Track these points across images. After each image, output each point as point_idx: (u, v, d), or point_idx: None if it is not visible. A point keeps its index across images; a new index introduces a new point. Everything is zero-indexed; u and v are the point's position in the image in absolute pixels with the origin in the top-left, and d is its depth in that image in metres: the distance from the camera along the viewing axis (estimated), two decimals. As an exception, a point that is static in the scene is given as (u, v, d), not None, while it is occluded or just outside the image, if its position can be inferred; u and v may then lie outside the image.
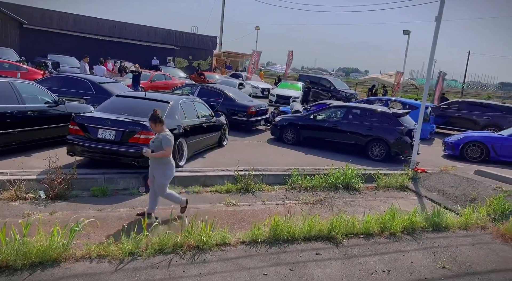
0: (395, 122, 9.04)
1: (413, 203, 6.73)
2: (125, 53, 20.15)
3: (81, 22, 19.58)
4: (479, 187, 6.92)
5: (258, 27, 26.95)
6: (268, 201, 5.97)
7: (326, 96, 21.70)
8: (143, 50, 21.55)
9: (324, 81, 22.34)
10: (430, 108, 14.00)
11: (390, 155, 8.98)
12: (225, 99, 10.97)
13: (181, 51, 24.16)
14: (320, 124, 9.76)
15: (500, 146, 9.46)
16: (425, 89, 8.53)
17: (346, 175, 7.15)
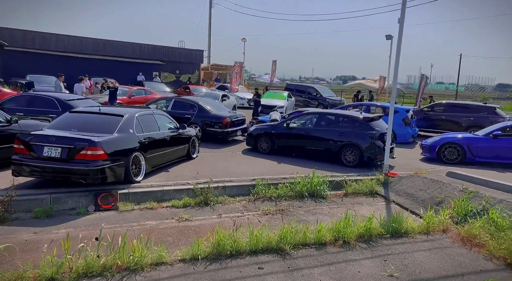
0: (366, 127, 8.92)
1: (379, 209, 6.55)
2: (110, 71, 20.22)
3: (64, 41, 19.73)
4: (447, 189, 6.75)
5: (244, 39, 27.14)
6: (225, 214, 5.80)
7: (314, 104, 21.72)
8: (129, 67, 21.65)
9: (311, 90, 22.39)
10: (412, 111, 13.91)
11: (363, 160, 8.83)
12: (199, 111, 10.90)
13: (167, 66, 24.28)
14: (294, 132, 9.65)
15: (475, 147, 9.31)
16: (392, 92, 8.44)
17: (312, 183, 6.99)
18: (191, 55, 25.56)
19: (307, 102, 21.82)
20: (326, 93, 21.76)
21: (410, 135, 12.96)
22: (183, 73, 25.37)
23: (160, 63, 23.42)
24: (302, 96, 22.15)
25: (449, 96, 50.98)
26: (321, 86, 24.98)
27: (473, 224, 5.25)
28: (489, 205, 5.77)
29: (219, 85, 23.23)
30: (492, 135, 9.19)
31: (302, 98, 22.08)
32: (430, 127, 14.50)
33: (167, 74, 24.52)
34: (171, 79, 24.72)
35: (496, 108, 13.66)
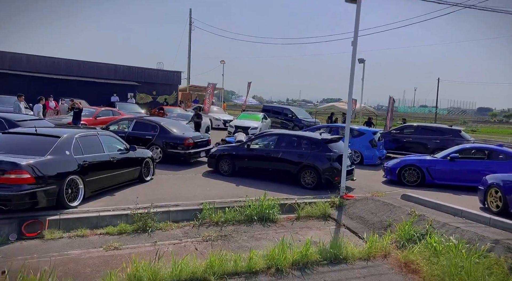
0: (324, 149, 8.86)
1: (327, 233, 6.37)
2: (84, 91, 19.98)
3: (35, 61, 19.49)
4: (397, 213, 6.64)
5: (223, 61, 27.48)
6: (161, 241, 5.51)
7: (290, 125, 21.79)
8: (103, 88, 21.45)
9: (287, 111, 22.54)
10: (380, 133, 14.04)
11: (321, 182, 8.71)
12: (161, 132, 10.70)
13: (144, 87, 24.19)
14: (255, 154, 9.52)
15: (434, 169, 9.34)
16: (347, 113, 8.46)
17: (262, 206, 6.80)
18: (169, 77, 25.59)
19: (284, 124, 21.92)
20: (302, 115, 21.93)
21: (377, 157, 13.00)
22: (160, 94, 25.28)
23: (136, 84, 23.32)
24: (279, 118, 22.25)
25: (431, 119, 52.52)
26: (296, 108, 25.25)
27: (412, 249, 5.11)
28: (432, 228, 5.67)
29: (195, 106, 23.19)
30: (449, 158, 9.25)
31: (278, 120, 22.18)
32: (399, 150, 14.61)
33: (143, 95, 24.38)
34: (147, 100, 24.57)
35: (461, 131, 13.92)
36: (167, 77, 25.60)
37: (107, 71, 22.66)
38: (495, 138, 27.07)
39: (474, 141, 14.08)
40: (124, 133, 10.92)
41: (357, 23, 8.02)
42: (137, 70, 24.20)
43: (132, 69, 24.01)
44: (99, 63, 22.69)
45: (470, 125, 50.93)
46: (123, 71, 23.54)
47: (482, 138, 26.57)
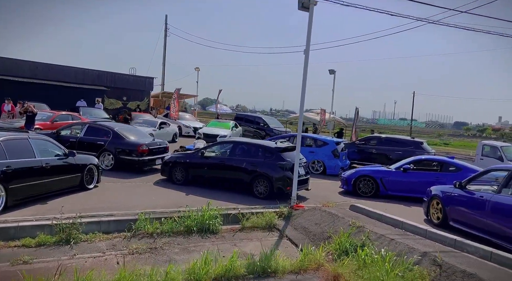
0: (277, 157, 8.72)
1: (267, 245, 6.14)
2: (50, 95, 19.27)
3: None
4: (339, 223, 6.51)
5: (198, 68, 27.29)
6: (81, 254, 5.13)
7: (262, 134, 21.69)
8: (70, 92, 20.76)
9: (259, 120, 22.49)
10: (343, 144, 14.08)
11: (273, 191, 8.53)
12: (114, 138, 10.30)
13: (114, 92, 23.62)
14: (209, 162, 9.27)
15: (387, 180, 9.34)
16: (299, 122, 8.38)
17: (204, 217, 6.52)
18: (140, 82, 25.12)
19: (257, 132, 21.81)
20: (273, 124, 21.91)
21: (340, 168, 12.98)
22: (131, 100, 24.74)
23: (104, 89, 22.73)
24: (251, 126, 22.14)
25: (408, 131, 53.94)
26: (268, 117, 25.25)
27: (343, 261, 4.96)
28: (369, 240, 5.55)
29: (166, 113, 22.80)
30: (402, 169, 9.28)
31: (250, 128, 22.06)
32: (363, 160, 14.69)
33: (113, 101, 23.79)
34: (117, 105, 23.98)
35: (423, 143, 14.15)
36: (138, 83, 25.13)
37: (75, 75, 22.01)
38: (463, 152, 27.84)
39: (435, 153, 14.33)
40: (76, 138, 10.48)
41: (309, 31, 7.98)
42: (107, 75, 23.64)
43: (102, 73, 23.44)
44: (66, 66, 22.04)
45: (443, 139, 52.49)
46: (92, 75, 22.93)
47: (447, 151, 27.29)
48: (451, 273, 4.34)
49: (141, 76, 25.61)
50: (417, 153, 13.23)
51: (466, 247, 5.06)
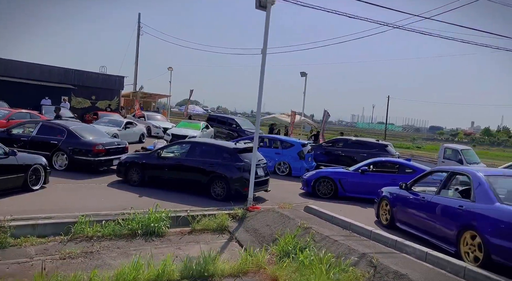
0: (235, 158, 8.58)
1: (214, 247, 5.98)
2: (13, 93, 18.43)
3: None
4: (288, 225, 6.44)
5: (171, 68, 26.80)
6: (4, 261, 4.79)
7: (234, 135, 21.53)
8: (34, 90, 19.90)
9: (232, 121, 22.31)
10: (310, 146, 14.13)
11: (231, 193, 8.38)
12: (68, 137, 9.87)
13: (82, 91, 22.86)
14: (165, 163, 9.02)
15: (346, 182, 9.39)
16: (256, 123, 8.28)
17: (149, 219, 6.29)
18: (110, 81, 24.42)
19: (230, 134, 21.64)
20: (246, 126, 21.77)
21: (305, 169, 12.97)
22: (100, 99, 24.00)
23: (71, 87, 21.95)
24: (223, 128, 21.94)
25: (379, 134, 55.14)
26: (241, 118, 25.16)
27: (282, 263, 4.87)
28: (313, 241, 5.51)
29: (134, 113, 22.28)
30: (360, 171, 9.36)
31: (223, 130, 21.86)
32: (330, 162, 14.78)
33: (81, 100, 23.00)
34: (85, 105, 23.21)
35: (388, 146, 14.39)
36: (108, 81, 24.43)
37: (40, 72, 21.14)
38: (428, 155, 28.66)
39: (399, 156, 14.61)
40: (27, 137, 9.98)
41: (267, 30, 7.92)
42: (74, 72, 22.84)
43: (69, 71, 22.63)
44: (31, 63, 21.14)
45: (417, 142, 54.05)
46: (58, 73, 22.09)
47: (411, 153, 28.03)
48: (384, 274, 4.33)
49: (111, 75, 24.93)
50: (381, 155, 13.44)
51: (405, 248, 5.09)
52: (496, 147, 58.80)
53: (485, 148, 54.11)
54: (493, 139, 68.51)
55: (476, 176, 4.77)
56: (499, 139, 67.97)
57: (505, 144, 62.81)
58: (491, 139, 68.63)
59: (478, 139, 68.62)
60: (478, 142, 65.46)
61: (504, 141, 65.51)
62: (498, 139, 67.53)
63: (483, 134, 77.41)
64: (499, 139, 67.52)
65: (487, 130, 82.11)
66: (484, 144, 63.16)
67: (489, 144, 63.15)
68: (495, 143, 64.56)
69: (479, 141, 66.62)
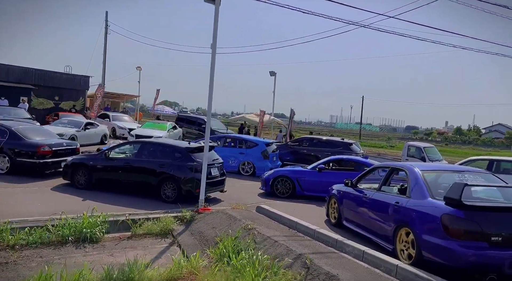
0: (186, 158, 8.22)
1: (152, 253, 5.65)
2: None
3: None
4: (234, 226, 6.15)
5: (140, 67, 26.11)
6: None
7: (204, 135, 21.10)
8: (-11, 90, 18.81)
9: (201, 121, 21.82)
10: (275, 145, 13.95)
11: (182, 194, 8.02)
12: (10, 138, 9.23)
13: (44, 91, 21.76)
14: (113, 164, 8.55)
15: (303, 180, 9.22)
16: (207, 121, 7.96)
17: (82, 225, 5.84)
18: (75, 81, 23.40)
19: (200, 134, 21.18)
20: (216, 126, 21.35)
21: (269, 169, 12.74)
22: (64, 100, 22.93)
23: (31, 87, 20.87)
24: (193, 128, 21.47)
25: (362, 135, 55.79)
26: (213, 119, 24.72)
27: (215, 268, 4.57)
28: (254, 243, 5.24)
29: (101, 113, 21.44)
30: (317, 169, 9.21)
31: (193, 130, 21.38)
32: (296, 161, 14.65)
33: (43, 100, 21.89)
34: (48, 105, 22.12)
35: (352, 144, 14.39)
36: (73, 81, 23.41)
37: (-4, 71, 19.99)
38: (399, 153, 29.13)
39: (363, 154, 14.65)
40: (-36, 139, 9.25)
41: (216, 24, 7.61)
42: (35, 72, 21.73)
43: (29, 70, 21.51)
44: (-15, 62, 19.98)
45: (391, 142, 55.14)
46: (17, 72, 20.96)
47: (379, 152, 28.44)
48: (316, 276, 4.11)
49: (75, 75, 23.89)
50: (345, 153, 13.42)
51: (345, 247, 4.90)
52: (467, 145, 60.86)
53: (457, 146, 55.89)
54: (465, 138, 70.88)
55: (412, 171, 4.64)
56: (469, 138, 70.40)
57: (475, 142, 65.08)
58: (462, 138, 70.97)
59: (450, 138, 70.80)
60: (450, 140, 67.57)
61: (475, 139, 67.87)
62: (469, 138, 69.92)
63: (455, 134, 79.96)
64: (469, 138, 69.91)
65: (459, 129, 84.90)
66: (456, 143, 65.23)
67: (460, 143, 65.27)
68: (466, 142, 66.80)
69: (451, 140, 68.76)
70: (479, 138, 69.44)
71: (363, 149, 30.75)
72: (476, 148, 54.50)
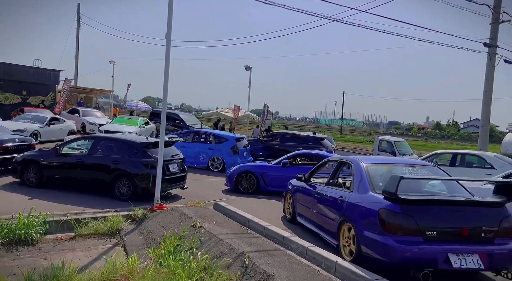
0: (142, 154, 7.85)
1: (92, 255, 5.29)
2: None
3: None
4: (183, 225, 5.86)
5: (113, 61, 25.29)
6: None
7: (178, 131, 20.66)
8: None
9: (176, 116, 21.44)
10: (246, 140, 13.69)
11: (137, 192, 7.66)
12: (-46, 135, 8.62)
13: (10, 85, 20.80)
14: (65, 160, 8.10)
15: (268, 175, 9.00)
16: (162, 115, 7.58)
17: (17, 226, 5.43)
18: (44, 75, 22.46)
19: (175, 130, 20.73)
20: (191, 121, 21.00)
21: (239, 164, 12.49)
22: (33, 94, 21.99)
23: (-6, 81, 19.95)
24: (167, 124, 20.99)
25: (346, 130, 55.97)
26: (187, 114, 24.34)
27: (149, 269, 4.27)
28: (199, 241, 4.99)
29: (70, 108, 20.66)
30: (281, 164, 9.00)
31: (167, 126, 20.91)
32: (269, 157, 14.40)
33: (9, 95, 20.90)
34: (14, 101, 21.16)
35: (324, 139, 14.27)
36: (41, 75, 22.48)
37: (-45, 65, 18.96)
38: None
39: (334, 148, 14.57)
40: None
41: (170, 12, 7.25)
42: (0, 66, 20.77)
43: (-8, 64, 20.56)
44: None
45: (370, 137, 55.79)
46: (-20, 66, 19.97)
47: (351, 147, 28.61)
48: (252, 276, 3.88)
49: (45, 69, 22.96)
50: (316, 148, 13.28)
51: (290, 244, 4.69)
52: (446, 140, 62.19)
53: (436, 141, 57.00)
54: (444, 132, 72.44)
55: (357, 165, 4.45)
56: (448, 132, 72.00)
57: (453, 137, 66.60)
58: (441, 133, 72.51)
59: (430, 133, 72.21)
60: (430, 135, 68.92)
61: (453, 134, 69.44)
62: (448, 133, 71.50)
63: (434, 129, 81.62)
64: (448, 133, 71.50)
65: (438, 124, 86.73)
66: (436, 137, 66.57)
67: (439, 137, 66.67)
68: (445, 136, 68.28)
69: (431, 135, 70.14)
70: (458, 133, 71.13)
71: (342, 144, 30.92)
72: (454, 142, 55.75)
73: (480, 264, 3.40)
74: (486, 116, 12.47)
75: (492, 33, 12.17)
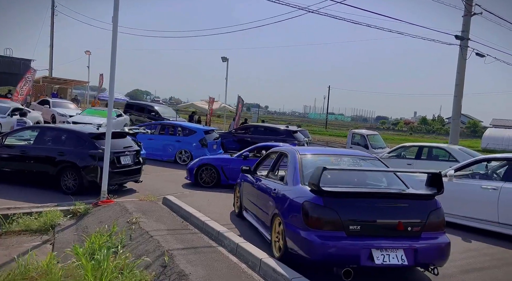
0: (89, 145, 7.39)
1: (14, 253, 4.84)
2: None
3: None
4: (121, 221, 5.48)
5: (89, 51, 24.45)
6: None
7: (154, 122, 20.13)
8: None
9: (151, 108, 20.87)
10: (216, 133, 13.31)
11: (84, 185, 7.22)
12: None
13: (-23, 75, 19.99)
14: (8, 152, 7.60)
15: (228, 169, 8.65)
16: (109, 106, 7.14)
17: None
18: (14, 65, 21.58)
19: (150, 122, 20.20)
20: (166, 113, 20.43)
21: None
22: (2, 84, 21.15)
23: (-41, 71, 19.03)
24: (142, 116, 20.45)
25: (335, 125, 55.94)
26: (162, 105, 23.74)
27: (60, 270, 3.88)
28: (129, 238, 4.62)
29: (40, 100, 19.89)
30: (243, 156, 8.67)
31: (143, 118, 20.35)
32: (241, 149, 14.01)
33: (-24, 85, 20.11)
34: (-19, 91, 20.33)
35: (297, 132, 13.98)
36: (11, 65, 21.62)
37: None
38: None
39: (308, 141, 14.31)
40: None
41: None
42: (-36, 54, 19.81)
43: (-44, 52, 19.57)
44: None
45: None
46: None
47: (327, 140, 28.52)
48: (168, 275, 3.55)
49: (15, 58, 22.08)
50: (288, 141, 12.98)
51: (224, 240, 4.36)
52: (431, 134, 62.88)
53: (421, 136, 57.56)
54: (429, 127, 73.26)
55: (293, 156, 4.14)
56: (434, 127, 72.84)
57: (438, 132, 67.40)
58: (427, 127, 73.32)
59: (416, 128, 72.95)
60: (416, 130, 69.61)
61: (438, 129, 70.26)
62: (433, 128, 72.33)
63: (420, 123, 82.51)
64: (433, 128, 72.33)
65: (424, 119, 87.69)
66: (421, 132, 67.27)
67: (425, 132, 67.39)
68: (430, 131, 69.05)
69: (417, 129, 70.84)
70: (442, 128, 72.04)
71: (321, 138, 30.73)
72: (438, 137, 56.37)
73: (404, 260, 3.13)
74: (457, 110, 12.36)
75: (464, 25, 12.00)
